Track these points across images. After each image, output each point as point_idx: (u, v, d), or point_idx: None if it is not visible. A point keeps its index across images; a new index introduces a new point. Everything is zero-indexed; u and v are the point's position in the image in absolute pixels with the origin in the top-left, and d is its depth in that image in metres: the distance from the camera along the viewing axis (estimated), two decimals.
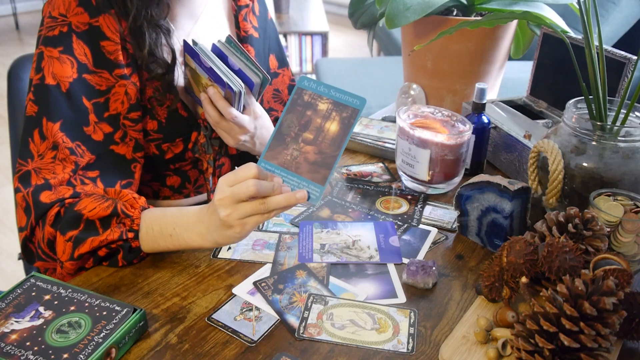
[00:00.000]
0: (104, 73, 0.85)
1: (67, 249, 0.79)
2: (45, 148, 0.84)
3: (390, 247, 0.85)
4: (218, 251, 0.83)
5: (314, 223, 0.90)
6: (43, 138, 0.84)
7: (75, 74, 0.84)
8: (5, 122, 1.06)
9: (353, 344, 0.66)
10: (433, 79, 1.22)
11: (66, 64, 0.84)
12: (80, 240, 0.78)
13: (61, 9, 0.84)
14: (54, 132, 0.83)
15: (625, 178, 0.76)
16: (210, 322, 0.69)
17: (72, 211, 0.80)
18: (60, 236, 0.80)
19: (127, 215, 0.80)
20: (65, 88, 0.84)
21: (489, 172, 1.04)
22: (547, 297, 0.59)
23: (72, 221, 0.79)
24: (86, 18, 0.84)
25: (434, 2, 1.05)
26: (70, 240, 0.79)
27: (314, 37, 3.68)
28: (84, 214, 0.79)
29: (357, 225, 0.90)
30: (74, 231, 0.79)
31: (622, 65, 0.93)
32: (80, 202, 0.80)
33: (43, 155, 0.84)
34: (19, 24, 5.18)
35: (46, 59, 0.84)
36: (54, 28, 0.84)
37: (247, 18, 1.06)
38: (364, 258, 0.82)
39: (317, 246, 0.84)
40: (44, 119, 0.84)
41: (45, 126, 0.83)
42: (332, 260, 0.81)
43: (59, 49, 0.83)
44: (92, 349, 0.61)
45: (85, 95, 0.85)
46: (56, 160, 0.84)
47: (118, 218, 0.80)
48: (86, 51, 0.84)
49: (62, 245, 0.79)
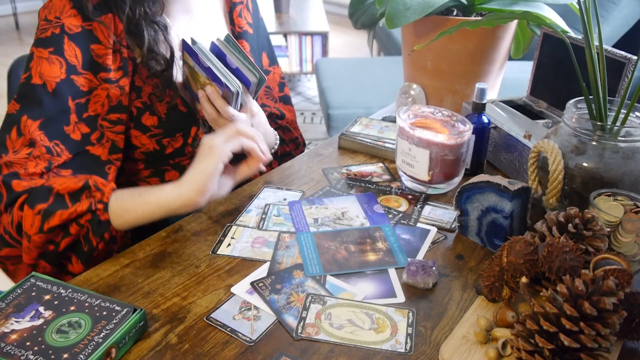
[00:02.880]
0: (88, 74, 0.87)
1: (35, 222, 0.79)
2: (22, 144, 0.84)
3: (376, 213, 0.92)
4: (217, 247, 0.83)
5: (301, 201, 0.95)
6: (20, 134, 0.85)
7: (63, 74, 0.85)
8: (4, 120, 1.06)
9: (351, 343, 0.66)
10: (433, 79, 1.22)
11: (55, 65, 0.85)
12: (49, 213, 0.79)
13: (56, 12, 0.85)
14: (32, 130, 0.84)
15: (625, 178, 0.76)
16: (209, 321, 0.69)
17: (42, 187, 0.81)
18: (28, 210, 0.80)
19: (98, 189, 0.82)
20: (52, 88, 0.85)
21: (489, 172, 1.04)
22: (547, 297, 0.59)
23: (41, 195, 0.81)
24: (79, 21, 0.85)
25: (434, 2, 1.05)
26: (39, 214, 0.80)
27: (314, 37, 3.68)
28: (54, 187, 0.81)
29: (341, 199, 0.96)
30: (43, 204, 0.80)
31: (622, 65, 0.93)
32: (51, 181, 0.82)
33: (18, 151, 0.84)
34: (19, 24, 5.18)
35: (35, 59, 0.85)
36: (47, 30, 0.85)
37: (242, 14, 1.07)
38: (356, 225, 0.89)
39: (311, 220, 0.90)
40: (24, 116, 0.85)
41: (24, 123, 0.84)
42: (327, 230, 0.87)
43: (49, 49, 0.84)
44: (92, 349, 0.61)
45: (71, 95, 0.86)
46: (30, 157, 0.84)
47: (89, 192, 0.82)
48: (77, 52, 0.85)
49: (31, 219, 0.80)
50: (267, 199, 0.96)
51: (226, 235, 0.86)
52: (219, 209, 0.94)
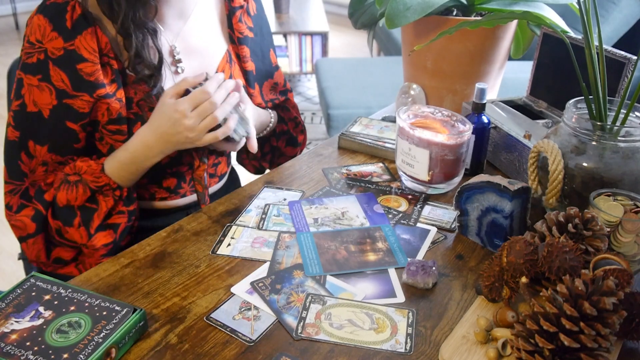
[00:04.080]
0: (84, 96, 0.87)
1: (82, 233, 0.90)
2: (36, 164, 0.91)
3: (376, 213, 0.92)
4: (217, 247, 0.83)
5: (301, 201, 0.95)
6: (31, 157, 0.90)
7: (54, 100, 0.86)
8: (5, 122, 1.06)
9: (351, 343, 0.66)
10: (433, 79, 1.22)
11: (45, 92, 0.86)
12: (88, 220, 0.90)
13: (37, 34, 0.85)
14: (42, 154, 0.90)
15: (625, 178, 0.76)
16: (208, 321, 0.69)
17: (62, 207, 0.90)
18: (70, 228, 0.90)
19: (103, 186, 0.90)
20: (47, 114, 0.87)
21: (489, 172, 1.04)
22: (547, 297, 0.59)
23: (69, 212, 0.90)
24: (60, 43, 0.84)
25: (434, 2, 1.05)
26: (81, 226, 0.90)
27: (314, 37, 3.68)
28: (73, 204, 0.90)
29: (341, 199, 0.96)
30: (77, 218, 0.90)
31: (622, 65, 0.93)
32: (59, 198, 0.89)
33: (34, 170, 0.91)
34: (19, 24, 5.18)
35: (26, 87, 0.86)
36: (32, 55, 0.85)
37: (242, 19, 1.05)
38: (356, 225, 0.89)
39: (311, 220, 0.90)
40: (30, 142, 0.89)
41: (33, 148, 0.90)
42: (327, 229, 0.87)
43: (37, 77, 0.86)
44: (92, 349, 0.61)
45: (68, 119, 0.88)
46: (47, 172, 0.92)
47: (98, 192, 0.91)
48: (63, 77, 0.86)
49: (77, 234, 0.90)
50: (267, 199, 0.96)
51: (226, 235, 0.86)
52: (218, 209, 0.94)
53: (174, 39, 0.96)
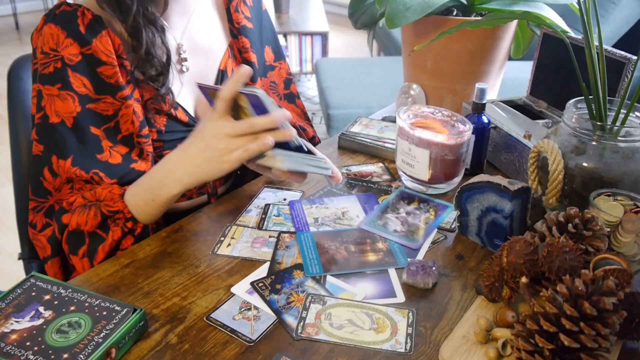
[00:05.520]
0: (107, 98, 0.86)
1: (85, 265, 0.84)
2: (60, 182, 0.87)
3: None
4: (217, 247, 0.83)
5: (302, 201, 0.95)
6: (55, 175, 0.87)
7: (78, 107, 0.84)
8: (5, 122, 1.06)
9: (351, 343, 0.66)
10: (433, 79, 1.22)
11: (67, 100, 0.84)
12: (92, 251, 0.84)
13: (51, 43, 0.83)
14: (66, 169, 0.86)
15: (625, 178, 0.76)
16: (208, 321, 0.69)
17: (72, 231, 0.85)
18: (74, 257, 0.85)
19: (116, 212, 0.84)
20: (71, 123, 0.85)
21: (489, 172, 1.04)
22: (547, 297, 0.59)
23: (78, 238, 0.85)
24: (77, 48, 0.83)
25: (434, 2, 1.05)
26: (84, 257, 0.84)
27: (314, 37, 3.68)
28: (83, 229, 0.84)
29: (341, 199, 0.96)
30: (83, 247, 0.84)
31: (622, 65, 0.93)
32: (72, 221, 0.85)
33: (60, 188, 0.88)
34: (19, 24, 5.19)
35: (46, 98, 0.84)
36: (48, 65, 0.83)
37: (238, 9, 1.04)
38: (356, 225, 0.89)
39: (311, 220, 0.90)
40: (54, 156, 0.86)
41: (56, 164, 0.86)
42: (327, 229, 0.87)
43: (57, 86, 0.84)
44: (92, 349, 0.61)
45: (92, 124, 0.86)
46: (73, 190, 0.88)
47: (110, 219, 0.85)
48: (85, 82, 0.84)
49: (80, 264, 0.85)
50: (267, 199, 0.96)
51: (226, 235, 0.86)
52: (218, 209, 0.94)
53: (180, 36, 0.96)
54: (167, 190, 0.82)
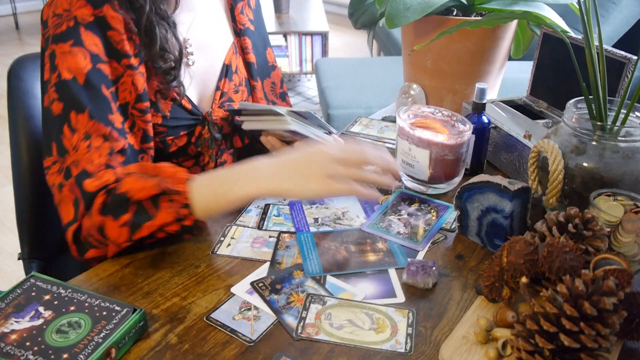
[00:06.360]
0: (112, 62, 0.86)
1: (123, 234, 0.78)
2: (78, 139, 0.82)
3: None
4: (217, 247, 0.83)
5: (302, 201, 0.95)
6: (73, 131, 0.83)
7: (89, 64, 0.83)
8: (5, 122, 1.06)
9: (351, 344, 0.66)
10: (433, 79, 1.22)
11: (78, 56, 0.83)
12: (136, 225, 0.78)
13: (65, 5, 0.83)
14: (84, 123, 0.83)
15: (625, 178, 0.76)
16: (208, 321, 0.69)
17: (118, 195, 0.78)
18: (113, 221, 0.78)
19: (176, 192, 0.78)
20: (83, 80, 0.83)
21: (489, 172, 1.04)
22: (547, 297, 0.58)
23: (121, 205, 0.78)
24: (90, 10, 0.83)
25: (434, 2, 1.05)
26: (125, 225, 0.78)
27: (314, 37, 3.68)
28: (131, 196, 0.78)
29: (341, 199, 0.97)
30: (126, 215, 0.78)
31: (622, 65, 0.93)
32: (123, 184, 0.79)
33: (77, 147, 0.82)
34: (19, 24, 5.18)
35: (59, 56, 0.83)
36: (61, 25, 0.83)
37: (243, 11, 1.07)
38: (356, 225, 0.89)
39: (311, 220, 0.90)
40: (72, 112, 0.83)
41: (75, 119, 0.83)
42: (327, 229, 0.88)
43: (69, 42, 0.83)
44: (92, 349, 0.61)
45: (103, 84, 0.85)
46: (91, 148, 0.82)
47: (167, 196, 0.78)
48: (97, 41, 0.84)
49: (117, 231, 0.78)
50: (267, 199, 0.96)
51: (226, 235, 0.86)
52: None
53: (185, 32, 0.97)
54: (242, 186, 0.78)
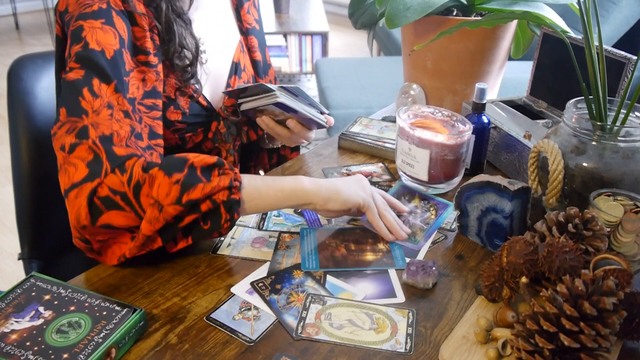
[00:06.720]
0: (127, 55, 0.85)
1: (172, 192, 0.72)
2: (100, 105, 0.78)
3: None
4: (217, 247, 0.83)
5: None
6: (95, 96, 0.78)
7: (117, 45, 0.82)
8: (5, 122, 1.06)
9: (351, 343, 0.66)
10: (433, 79, 1.22)
11: (109, 34, 0.81)
12: (189, 184, 0.73)
13: None
14: (108, 94, 0.79)
15: (625, 178, 0.76)
16: (208, 321, 0.69)
17: (175, 157, 0.76)
18: (164, 176, 0.73)
19: (230, 168, 0.77)
20: (110, 55, 0.81)
21: (489, 172, 1.04)
22: (547, 297, 0.59)
23: (176, 165, 0.74)
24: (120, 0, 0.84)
25: (434, 2, 1.05)
26: (177, 183, 0.72)
27: (314, 37, 3.68)
28: (189, 158, 0.75)
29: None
30: (180, 174, 0.73)
31: (622, 65, 0.93)
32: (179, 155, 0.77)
33: (98, 111, 0.77)
34: (19, 24, 5.18)
35: (87, 29, 0.80)
36: (91, 5, 0.82)
37: (250, 11, 1.09)
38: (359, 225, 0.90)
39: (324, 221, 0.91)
40: (95, 79, 0.79)
41: (98, 86, 0.79)
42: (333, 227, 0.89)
43: (100, 20, 0.81)
44: (92, 349, 0.61)
45: (123, 68, 0.83)
46: (113, 119, 0.78)
47: (222, 168, 0.76)
48: (125, 29, 0.84)
49: (168, 187, 0.72)
50: None
51: (226, 235, 0.86)
52: None
53: (198, 30, 0.98)
54: (295, 178, 0.82)
